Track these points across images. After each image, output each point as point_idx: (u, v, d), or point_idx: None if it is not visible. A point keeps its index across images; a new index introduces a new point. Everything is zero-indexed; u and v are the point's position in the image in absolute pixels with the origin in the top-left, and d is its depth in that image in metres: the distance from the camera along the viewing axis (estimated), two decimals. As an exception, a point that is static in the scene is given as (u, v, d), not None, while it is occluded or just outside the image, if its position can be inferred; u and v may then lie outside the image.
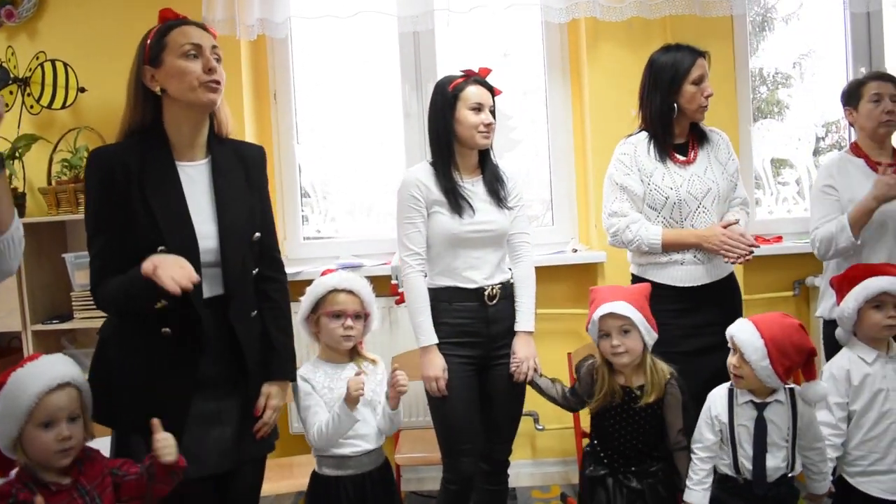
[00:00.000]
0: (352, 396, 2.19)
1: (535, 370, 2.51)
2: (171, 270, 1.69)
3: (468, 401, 2.49)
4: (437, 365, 2.43)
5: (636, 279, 2.75)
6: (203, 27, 1.93)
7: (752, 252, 2.51)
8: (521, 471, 3.59)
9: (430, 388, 2.45)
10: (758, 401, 2.14)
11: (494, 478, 2.63)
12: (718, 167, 2.67)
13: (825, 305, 2.80)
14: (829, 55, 3.87)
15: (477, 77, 2.52)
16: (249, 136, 3.43)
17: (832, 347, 2.59)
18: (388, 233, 3.63)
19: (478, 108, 2.46)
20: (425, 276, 2.53)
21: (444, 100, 2.50)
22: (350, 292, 2.37)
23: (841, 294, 2.36)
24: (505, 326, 2.53)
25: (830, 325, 2.69)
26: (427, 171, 2.53)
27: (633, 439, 2.27)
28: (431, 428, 3.07)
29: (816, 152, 3.88)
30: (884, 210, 2.64)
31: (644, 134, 2.70)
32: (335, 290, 2.36)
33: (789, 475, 2.15)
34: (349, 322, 2.34)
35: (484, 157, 2.59)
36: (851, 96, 2.83)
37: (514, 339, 2.53)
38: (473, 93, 2.47)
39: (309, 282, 2.45)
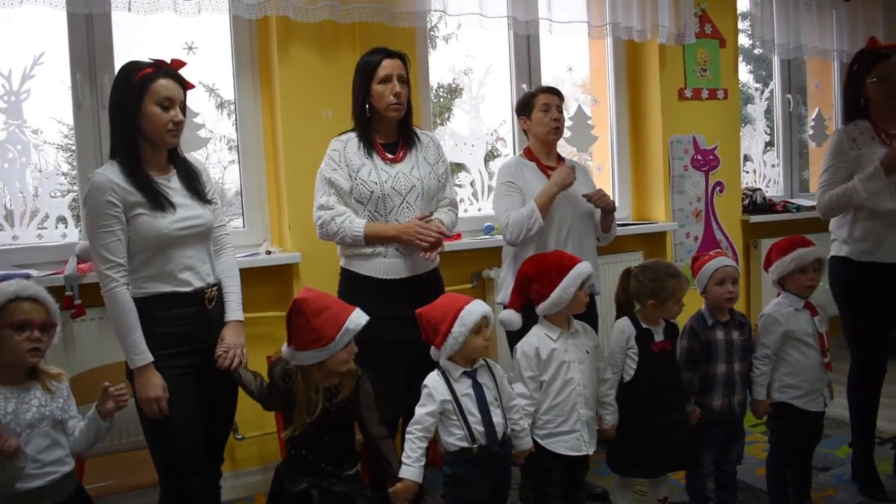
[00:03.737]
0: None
1: (241, 362, 2.40)
2: None
3: (190, 415, 2.33)
4: (157, 385, 2.24)
5: (344, 271, 2.81)
6: None
7: (440, 240, 2.68)
8: (223, 484, 3.40)
9: (151, 410, 2.24)
10: (469, 369, 2.38)
11: (210, 496, 2.51)
12: (426, 167, 2.82)
13: (504, 293, 3.10)
14: (495, 72, 4.27)
15: (169, 69, 2.32)
16: None
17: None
18: (57, 239, 3.27)
19: (167, 105, 2.26)
20: (129, 287, 2.29)
21: (130, 90, 2.25)
22: (34, 300, 2.09)
23: (559, 281, 2.55)
24: (222, 326, 2.43)
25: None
26: (117, 172, 2.27)
27: (336, 441, 2.31)
28: (120, 453, 2.82)
29: (486, 157, 4.27)
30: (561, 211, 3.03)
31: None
32: (17, 299, 2.06)
33: (507, 434, 2.42)
34: (37, 334, 2.05)
35: (175, 152, 2.42)
36: (524, 107, 3.17)
37: (224, 328, 2.42)
38: (164, 86, 2.26)
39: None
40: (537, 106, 3.13)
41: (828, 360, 2.86)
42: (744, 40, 5.38)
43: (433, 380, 2.38)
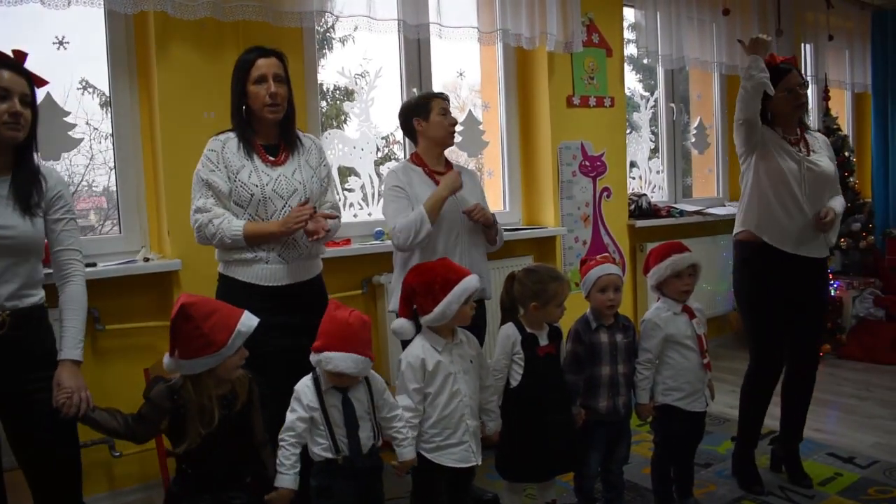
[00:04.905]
0: None
1: (88, 403, 2.18)
2: None
3: None
4: None
5: (222, 278, 2.70)
6: None
7: (313, 213, 2.58)
8: (97, 505, 3.25)
9: None
10: (341, 386, 2.30)
11: None
12: (308, 171, 2.74)
13: (395, 300, 3.05)
14: (388, 75, 4.23)
15: (7, 60, 2.16)
16: None
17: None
18: None
19: (3, 94, 2.09)
20: None
21: None
22: None
23: (443, 296, 2.48)
24: (33, 357, 2.19)
25: None
26: None
27: (235, 451, 2.22)
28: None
29: (377, 162, 4.22)
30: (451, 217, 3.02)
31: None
32: None
33: (377, 445, 2.36)
34: None
35: (24, 155, 2.21)
36: (420, 109, 3.14)
37: (59, 368, 2.18)
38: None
39: None
40: (435, 109, 3.12)
41: (707, 360, 2.95)
42: (634, 50, 5.54)
43: (303, 385, 2.31)
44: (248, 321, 2.18)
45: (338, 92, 6.23)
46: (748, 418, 3.40)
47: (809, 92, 6.70)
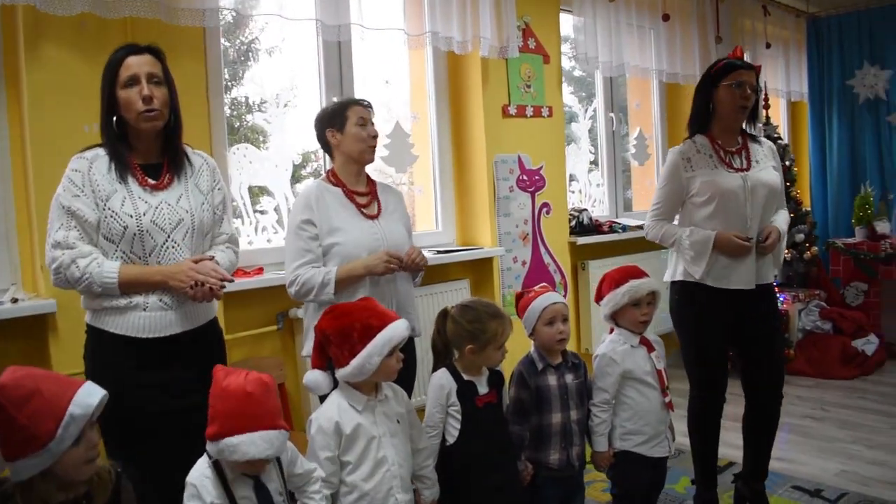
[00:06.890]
0: None
1: None
2: None
3: None
4: None
5: (91, 330, 2.21)
6: None
7: (223, 286, 2.16)
8: None
9: None
10: (252, 472, 1.87)
11: None
12: (198, 196, 2.28)
13: (310, 345, 2.62)
14: (307, 85, 3.82)
15: None
16: None
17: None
18: None
19: None
20: None
21: None
22: None
23: (362, 346, 2.10)
24: None
25: None
26: None
27: None
28: None
29: (295, 180, 3.79)
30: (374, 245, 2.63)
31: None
32: None
33: None
34: None
35: None
36: (335, 118, 2.71)
37: None
38: None
39: None
40: (352, 118, 2.68)
41: (668, 399, 2.62)
42: (565, 62, 5.23)
43: (200, 476, 1.83)
44: (86, 398, 1.65)
45: (264, 105, 5.85)
46: (702, 456, 3.10)
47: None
